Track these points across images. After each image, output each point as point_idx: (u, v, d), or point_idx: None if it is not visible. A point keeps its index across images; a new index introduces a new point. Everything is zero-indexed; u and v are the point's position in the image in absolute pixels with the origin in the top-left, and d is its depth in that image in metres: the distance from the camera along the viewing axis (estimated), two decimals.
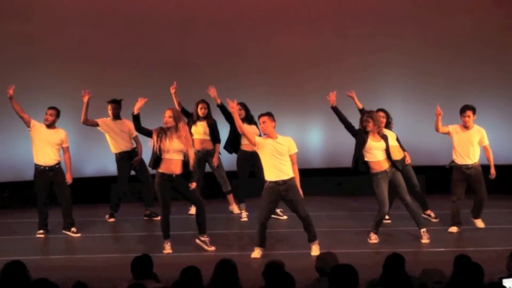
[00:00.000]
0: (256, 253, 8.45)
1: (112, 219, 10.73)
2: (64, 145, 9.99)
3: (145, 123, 8.88)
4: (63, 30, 12.12)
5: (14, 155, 12.09)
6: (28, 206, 11.87)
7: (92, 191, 11.97)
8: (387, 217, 9.69)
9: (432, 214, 10.14)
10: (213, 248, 8.75)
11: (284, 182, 8.32)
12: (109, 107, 10.63)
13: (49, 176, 9.88)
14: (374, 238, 8.98)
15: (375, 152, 8.94)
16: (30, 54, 12.05)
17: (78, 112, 10.25)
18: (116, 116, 10.61)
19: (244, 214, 10.57)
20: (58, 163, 9.95)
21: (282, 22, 12.34)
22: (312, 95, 12.18)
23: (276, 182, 8.32)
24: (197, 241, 8.83)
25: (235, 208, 10.93)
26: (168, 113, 8.62)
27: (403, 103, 11.98)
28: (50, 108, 9.99)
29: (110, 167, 11.75)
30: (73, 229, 9.90)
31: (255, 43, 12.36)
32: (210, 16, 12.35)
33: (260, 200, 8.49)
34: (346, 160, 11.83)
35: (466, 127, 9.42)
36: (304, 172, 8.73)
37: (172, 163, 8.59)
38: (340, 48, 12.39)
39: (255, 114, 10.71)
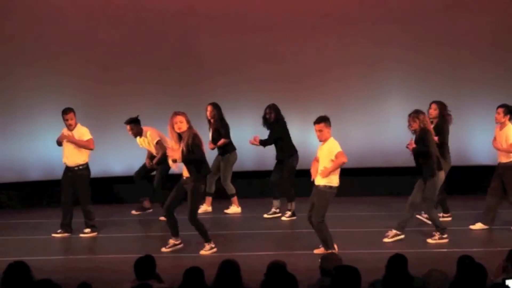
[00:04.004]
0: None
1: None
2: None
3: (145, 120, 9.14)
4: (63, 27, 12.14)
5: (14, 156, 12.14)
6: (30, 207, 11.92)
7: (95, 192, 11.96)
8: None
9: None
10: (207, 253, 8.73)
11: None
12: (128, 127, 10.57)
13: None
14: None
15: None
16: (28, 53, 12.09)
17: (79, 111, 10.20)
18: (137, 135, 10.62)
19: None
20: (76, 165, 9.97)
21: (283, 16, 12.36)
22: (314, 91, 12.20)
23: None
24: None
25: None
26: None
27: (404, 100, 11.90)
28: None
29: (114, 168, 11.76)
30: (86, 230, 9.99)
31: (259, 38, 12.37)
32: (210, 14, 12.39)
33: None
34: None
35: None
36: (306, 173, 8.71)
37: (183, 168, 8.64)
38: (342, 43, 12.40)
39: (256, 107, 10.74)
